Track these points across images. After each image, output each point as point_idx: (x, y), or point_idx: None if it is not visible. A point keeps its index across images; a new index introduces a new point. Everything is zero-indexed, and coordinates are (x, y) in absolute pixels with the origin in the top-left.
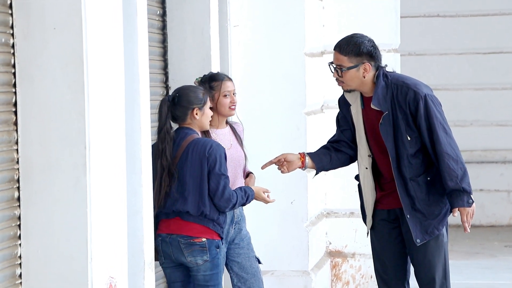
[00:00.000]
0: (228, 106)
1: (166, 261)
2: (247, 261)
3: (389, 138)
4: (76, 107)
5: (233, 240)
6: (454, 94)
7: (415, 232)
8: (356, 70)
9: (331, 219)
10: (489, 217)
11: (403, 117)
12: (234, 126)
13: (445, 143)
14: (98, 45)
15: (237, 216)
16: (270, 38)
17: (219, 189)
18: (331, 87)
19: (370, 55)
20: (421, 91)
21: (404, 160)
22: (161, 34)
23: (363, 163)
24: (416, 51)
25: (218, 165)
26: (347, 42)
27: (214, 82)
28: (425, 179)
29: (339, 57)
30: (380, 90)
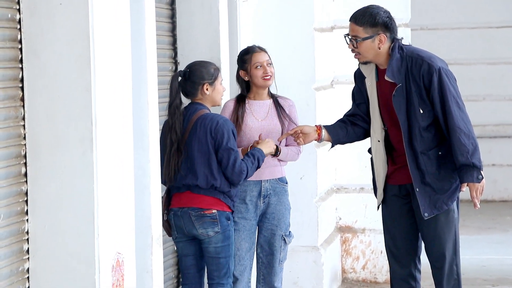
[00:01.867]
0: (261, 76)
1: (179, 235)
2: (272, 237)
3: (401, 110)
4: (82, 82)
5: (264, 214)
6: (466, 68)
7: (424, 206)
8: (372, 41)
9: (341, 194)
10: (501, 191)
11: (417, 89)
12: (281, 101)
13: (458, 117)
14: (104, 20)
15: (266, 190)
16: (279, 13)
17: (230, 163)
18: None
19: (385, 26)
20: (435, 64)
21: (416, 133)
22: (170, 9)
23: (375, 136)
24: (427, 25)
25: (226, 140)
26: (363, 13)
27: (246, 55)
28: (436, 154)
29: (355, 27)
30: (395, 62)
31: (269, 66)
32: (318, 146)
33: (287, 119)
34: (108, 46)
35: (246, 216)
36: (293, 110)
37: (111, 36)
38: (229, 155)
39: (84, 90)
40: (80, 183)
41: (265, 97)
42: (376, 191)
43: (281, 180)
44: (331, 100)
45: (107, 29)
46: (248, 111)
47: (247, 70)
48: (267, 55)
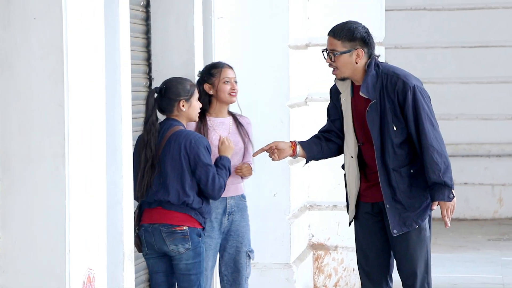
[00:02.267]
0: (228, 92)
1: (149, 251)
2: (237, 255)
3: (375, 126)
4: (56, 97)
5: (228, 231)
6: (439, 87)
7: (393, 223)
8: (349, 55)
9: (314, 211)
10: (473, 210)
11: (391, 106)
12: (239, 119)
13: (431, 135)
14: (79, 35)
15: (231, 207)
16: (254, 30)
17: (209, 180)
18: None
19: (363, 41)
20: (410, 82)
21: (388, 149)
22: (145, 25)
23: (348, 152)
24: (401, 44)
25: (203, 156)
26: (341, 27)
27: (214, 69)
28: (408, 171)
29: (333, 41)
30: (370, 78)
31: (235, 83)
32: (292, 163)
33: (247, 137)
34: (82, 61)
35: (211, 235)
36: (250, 128)
37: (85, 51)
38: (207, 172)
39: (57, 105)
40: (52, 198)
41: (225, 115)
42: (348, 207)
43: (243, 196)
44: (305, 118)
45: (81, 44)
46: (211, 128)
47: (213, 84)
48: (234, 73)
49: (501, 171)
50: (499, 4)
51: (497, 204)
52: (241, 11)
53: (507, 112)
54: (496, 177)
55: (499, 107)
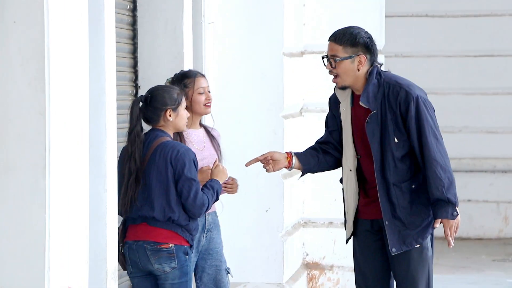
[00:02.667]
0: (203, 103)
1: (133, 270)
2: (217, 274)
3: (375, 138)
4: (36, 106)
5: (206, 250)
6: (442, 98)
7: (392, 241)
8: (351, 62)
9: (308, 228)
10: (477, 229)
11: (393, 117)
12: (211, 132)
13: (435, 149)
14: (61, 40)
15: (209, 224)
16: (247, 36)
17: (191, 195)
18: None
19: (366, 47)
20: (413, 92)
21: (389, 163)
22: (131, 30)
23: (347, 165)
24: (402, 52)
25: (187, 169)
26: (343, 32)
27: (187, 80)
28: (409, 186)
29: (334, 46)
30: (371, 87)
31: (209, 92)
32: (286, 177)
33: (219, 151)
34: (65, 67)
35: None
36: (220, 141)
37: (68, 57)
38: (190, 186)
39: (38, 113)
40: (31, 212)
41: (198, 126)
42: (345, 223)
43: (215, 213)
44: (300, 129)
45: (64, 49)
46: (187, 140)
47: (187, 95)
48: (207, 81)
49: (507, 188)
50: (505, 11)
51: (503, 223)
52: (234, 16)
53: None
54: (501, 194)
55: (505, 119)
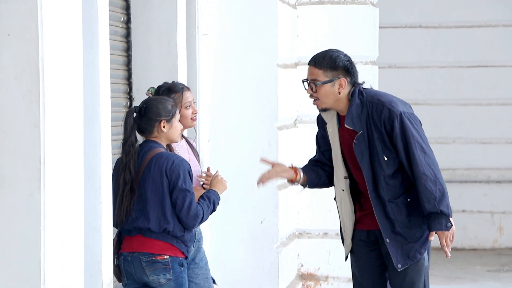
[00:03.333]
0: (190, 117)
1: (129, 281)
2: (205, 282)
3: (364, 158)
4: (31, 118)
5: (193, 259)
6: (436, 109)
7: (396, 257)
8: (331, 85)
9: (303, 239)
10: (472, 239)
11: (379, 136)
12: (189, 140)
13: (423, 163)
14: (56, 52)
15: (198, 234)
16: (241, 47)
17: (185, 206)
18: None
19: (346, 70)
20: (396, 109)
21: (381, 181)
22: (125, 42)
23: (339, 185)
24: (396, 63)
25: (182, 180)
26: (322, 56)
27: (174, 94)
28: (404, 201)
29: (314, 71)
30: (354, 108)
31: (195, 104)
32: (280, 188)
33: (198, 158)
34: (59, 80)
35: None
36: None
37: (62, 69)
38: (184, 197)
39: (33, 126)
40: (26, 225)
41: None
42: (343, 241)
43: None
44: (294, 140)
45: (59, 62)
46: (176, 152)
47: None
48: (192, 94)
49: (501, 198)
50: (498, 22)
51: (497, 233)
52: (228, 28)
53: (507, 136)
54: (496, 204)
55: (499, 130)
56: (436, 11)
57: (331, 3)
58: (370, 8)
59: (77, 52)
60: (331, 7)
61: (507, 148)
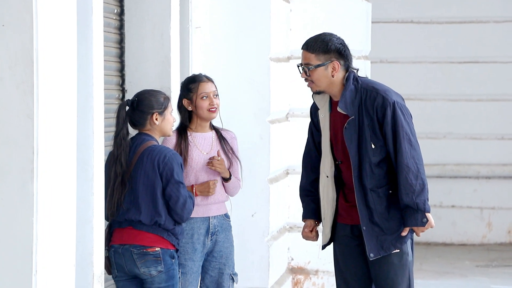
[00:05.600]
0: (207, 108)
1: (119, 273)
2: (220, 277)
3: (352, 144)
4: (24, 109)
5: (211, 252)
6: (426, 104)
7: (370, 246)
8: (325, 69)
9: (294, 233)
10: (461, 235)
11: (370, 123)
12: (223, 133)
13: (407, 155)
14: (50, 44)
15: (214, 227)
16: (234, 41)
17: (180, 199)
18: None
19: (339, 53)
20: (390, 98)
21: (366, 168)
22: (118, 34)
23: (324, 171)
24: (387, 58)
25: (176, 173)
26: (314, 40)
27: (192, 84)
28: (386, 192)
29: (307, 55)
30: (349, 93)
31: (215, 97)
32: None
33: (231, 152)
34: (53, 71)
35: (193, 258)
36: (235, 143)
37: (56, 61)
38: (178, 190)
39: (26, 117)
40: (18, 216)
41: (208, 129)
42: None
43: (226, 216)
44: (286, 134)
45: (53, 53)
46: (192, 144)
47: (191, 100)
48: (214, 86)
49: (491, 194)
50: (490, 18)
51: (486, 229)
52: (221, 21)
53: (497, 132)
54: (485, 200)
55: (489, 126)
56: (428, 6)
57: None
58: (363, 2)
59: (72, 44)
60: (324, 1)
61: (497, 144)
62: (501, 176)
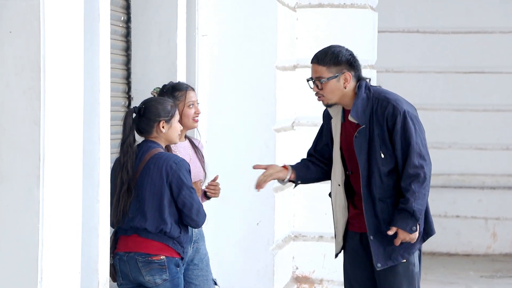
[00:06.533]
0: (192, 117)
1: (124, 281)
2: (205, 284)
3: (362, 153)
4: (31, 115)
5: (192, 260)
6: (432, 114)
7: (377, 256)
8: (337, 81)
9: (298, 242)
10: (465, 245)
11: (380, 132)
12: (194, 142)
13: (416, 165)
14: (57, 50)
15: (196, 235)
16: (240, 49)
17: (194, 205)
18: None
19: (349, 64)
20: (400, 107)
21: (375, 178)
22: (125, 41)
23: (336, 179)
24: (393, 67)
25: (185, 179)
26: (325, 53)
27: (178, 92)
28: (395, 202)
29: (318, 68)
30: (360, 102)
31: (198, 105)
32: (277, 190)
33: (203, 160)
34: (60, 78)
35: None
36: (203, 150)
37: (63, 67)
38: (192, 196)
39: (33, 123)
40: (24, 222)
41: (184, 138)
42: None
43: None
44: (292, 143)
45: (60, 60)
46: (175, 153)
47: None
48: (196, 95)
49: (495, 204)
50: (495, 28)
51: (491, 239)
52: (227, 29)
53: (502, 142)
54: (490, 210)
55: (494, 136)
56: (433, 16)
57: (331, 6)
58: (369, 12)
59: (78, 50)
60: (331, 10)
61: (502, 154)
62: (506, 186)
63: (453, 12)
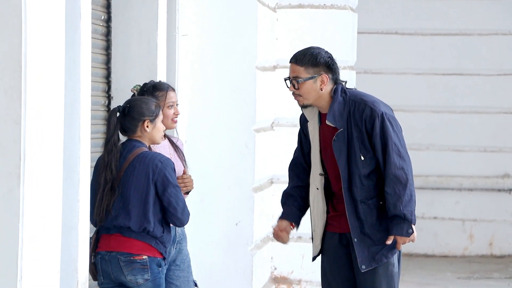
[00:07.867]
0: (171, 117)
1: (105, 281)
2: (185, 285)
3: (342, 156)
4: (12, 114)
5: (174, 261)
6: (410, 115)
7: (361, 258)
8: (313, 82)
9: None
10: (442, 246)
11: (359, 135)
12: (173, 140)
13: (396, 166)
14: (38, 49)
15: (179, 236)
16: (220, 49)
17: (180, 204)
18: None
19: (327, 66)
20: (378, 109)
21: (356, 180)
22: (105, 40)
23: (314, 183)
24: (372, 69)
25: (171, 178)
26: (303, 53)
27: (159, 92)
28: (377, 203)
29: (296, 68)
30: (337, 105)
31: (177, 106)
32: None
33: (184, 159)
34: (41, 77)
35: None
36: (183, 149)
37: (44, 66)
38: (177, 194)
39: (13, 122)
40: (4, 221)
41: (163, 138)
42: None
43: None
44: (271, 143)
45: (40, 59)
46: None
47: None
48: (176, 95)
49: (473, 206)
50: (474, 30)
51: (468, 241)
52: (207, 29)
53: (480, 144)
54: (467, 212)
55: (472, 138)
56: (412, 18)
57: (311, 7)
58: (349, 13)
59: (60, 50)
60: (311, 11)
61: (479, 156)
62: (483, 188)
63: (432, 14)
